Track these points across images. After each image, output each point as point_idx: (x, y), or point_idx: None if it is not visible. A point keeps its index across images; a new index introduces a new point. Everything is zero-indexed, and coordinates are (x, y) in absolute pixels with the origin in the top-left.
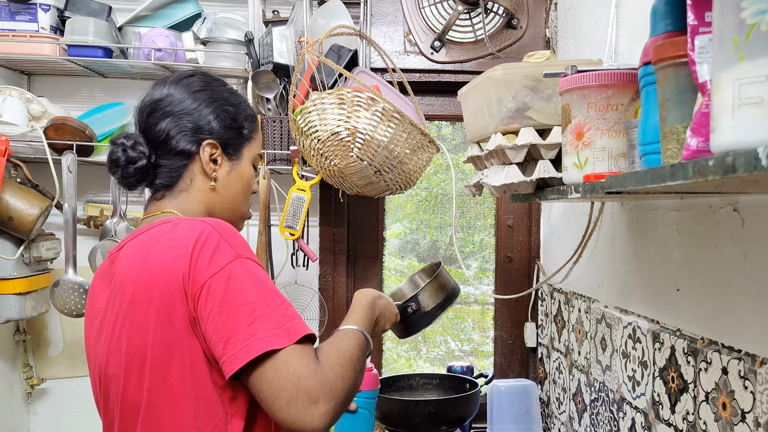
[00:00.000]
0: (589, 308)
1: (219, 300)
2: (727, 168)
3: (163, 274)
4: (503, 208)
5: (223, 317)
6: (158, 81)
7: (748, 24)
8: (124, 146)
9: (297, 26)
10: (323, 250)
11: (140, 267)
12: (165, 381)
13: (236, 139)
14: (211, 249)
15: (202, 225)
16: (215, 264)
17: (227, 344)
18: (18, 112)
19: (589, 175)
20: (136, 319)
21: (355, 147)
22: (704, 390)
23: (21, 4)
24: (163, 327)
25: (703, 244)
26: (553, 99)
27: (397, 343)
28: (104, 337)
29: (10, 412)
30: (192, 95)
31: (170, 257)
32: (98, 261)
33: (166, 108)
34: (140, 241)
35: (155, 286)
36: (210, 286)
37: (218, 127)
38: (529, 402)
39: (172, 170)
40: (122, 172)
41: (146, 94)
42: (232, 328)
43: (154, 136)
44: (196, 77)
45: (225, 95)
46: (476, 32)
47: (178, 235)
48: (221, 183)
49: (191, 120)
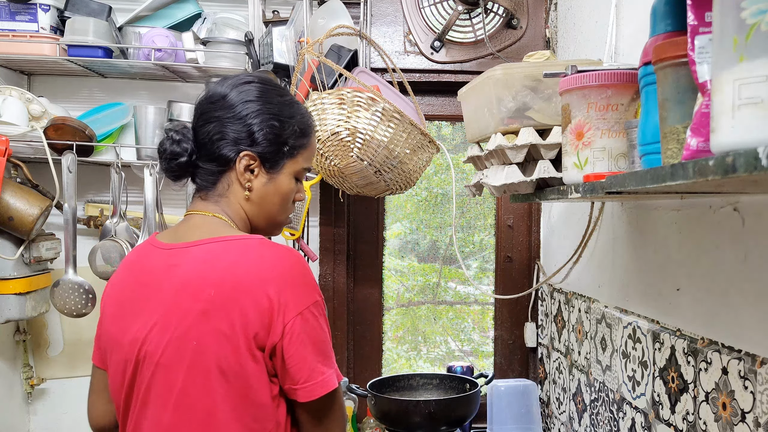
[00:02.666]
0: (589, 308)
1: (312, 331)
2: (727, 168)
3: (252, 291)
4: (503, 208)
5: (313, 348)
6: (220, 79)
7: (748, 24)
8: (173, 139)
9: (297, 26)
10: (323, 250)
11: (223, 273)
12: (229, 385)
13: (276, 154)
14: (302, 280)
15: (291, 253)
16: (308, 296)
17: (313, 373)
18: (18, 112)
19: (589, 175)
20: (212, 324)
21: (355, 147)
22: (704, 390)
23: (21, 4)
24: (237, 339)
25: (703, 244)
26: (553, 99)
27: (397, 343)
28: (155, 325)
29: (10, 412)
30: (243, 104)
31: (259, 275)
32: (98, 261)
33: (216, 111)
34: (220, 248)
35: (240, 299)
36: (305, 317)
37: (260, 140)
38: (529, 402)
39: (210, 173)
40: (166, 165)
41: (209, 89)
42: (318, 359)
43: (201, 136)
44: (253, 85)
45: (277, 109)
46: (476, 32)
47: (267, 255)
48: (256, 194)
49: (235, 129)
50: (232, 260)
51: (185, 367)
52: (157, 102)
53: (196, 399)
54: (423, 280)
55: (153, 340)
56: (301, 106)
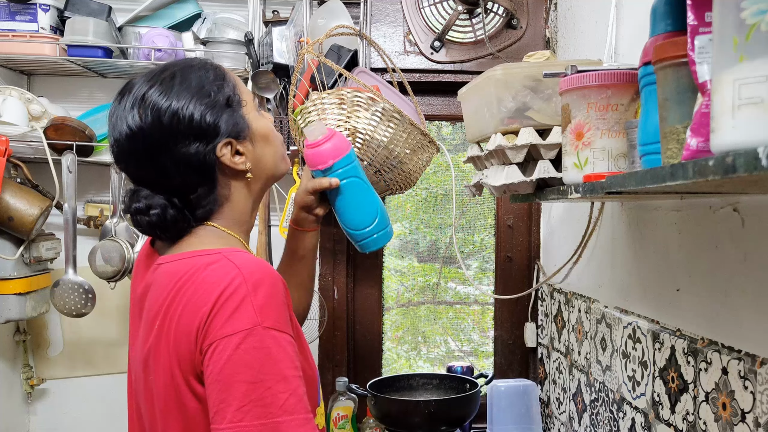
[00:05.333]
0: (589, 308)
1: (220, 367)
2: (727, 168)
3: (183, 318)
4: (503, 208)
5: (218, 386)
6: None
7: (748, 24)
8: (139, 209)
9: (297, 26)
10: (323, 250)
11: (170, 302)
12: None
13: (235, 116)
14: (232, 307)
15: (235, 274)
16: (230, 326)
17: (215, 417)
18: (18, 112)
19: (589, 175)
20: (159, 356)
21: (355, 147)
22: (704, 390)
23: (21, 4)
24: (177, 377)
25: (703, 244)
26: (553, 99)
27: (397, 343)
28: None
29: (10, 412)
30: (166, 101)
31: (194, 302)
32: (98, 261)
33: (151, 139)
34: (177, 269)
35: (175, 328)
36: (217, 348)
37: (212, 118)
38: (529, 402)
39: (205, 194)
40: (168, 234)
41: (117, 133)
42: (222, 402)
43: (161, 180)
44: (155, 76)
45: (192, 84)
46: (476, 32)
47: (208, 279)
48: (253, 165)
49: (186, 134)
50: (180, 285)
51: (148, 399)
52: None
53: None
54: (423, 280)
55: (136, 367)
56: (196, 63)
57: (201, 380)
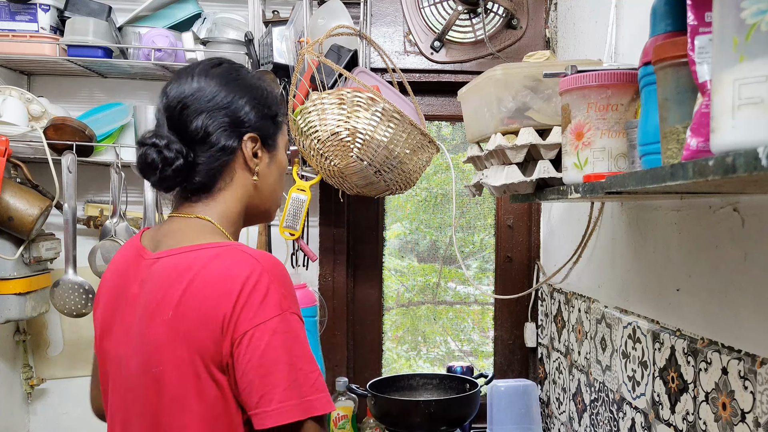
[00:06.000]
0: (589, 308)
1: (260, 353)
2: (727, 168)
3: (205, 310)
4: (503, 208)
5: (261, 371)
6: (182, 72)
7: (748, 24)
8: (158, 146)
9: (297, 26)
10: (323, 251)
11: (182, 294)
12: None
13: (272, 128)
14: (260, 296)
15: (253, 264)
16: (261, 314)
17: (262, 399)
18: (18, 112)
19: (589, 175)
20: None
21: (355, 147)
22: (704, 390)
23: (21, 4)
24: (196, 364)
25: (703, 244)
26: (553, 99)
27: (397, 343)
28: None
29: (10, 412)
30: (225, 87)
31: (216, 293)
32: (98, 261)
33: (198, 103)
34: (184, 261)
35: (195, 320)
36: (253, 336)
37: (255, 118)
38: (529, 402)
39: (211, 168)
40: (159, 175)
41: (171, 88)
42: (268, 385)
43: (190, 135)
44: (224, 66)
45: (254, 81)
46: (476, 32)
47: (227, 269)
48: (262, 177)
49: (228, 113)
50: (191, 276)
51: (154, 394)
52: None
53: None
54: (423, 280)
55: (128, 362)
56: (264, 75)
57: (222, 369)
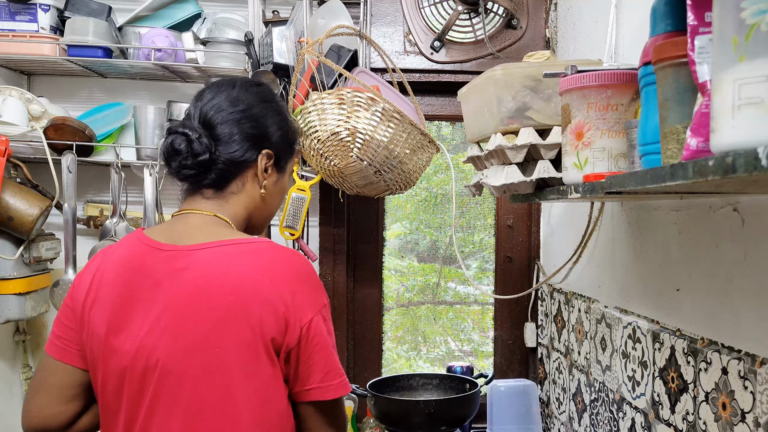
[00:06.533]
0: (589, 308)
1: (322, 336)
2: (727, 168)
3: (268, 295)
4: (503, 208)
5: (324, 353)
6: (223, 81)
7: (748, 24)
8: (188, 137)
9: (297, 26)
10: (323, 250)
11: (238, 278)
12: (250, 392)
13: (287, 153)
14: (312, 286)
15: (299, 257)
16: (317, 302)
17: (328, 374)
18: (18, 112)
19: (589, 175)
20: (232, 331)
21: (355, 147)
22: (704, 390)
23: (21, 4)
24: (257, 344)
25: (703, 244)
26: (553, 99)
27: (397, 343)
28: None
29: (10, 412)
30: (261, 104)
31: (276, 280)
32: None
33: (233, 110)
34: (229, 252)
35: (257, 304)
36: (314, 322)
37: (277, 140)
38: (529, 402)
39: (228, 172)
40: (181, 162)
41: (210, 91)
42: (330, 363)
43: (217, 136)
44: (264, 86)
45: (284, 108)
46: (476, 32)
47: (278, 260)
48: (268, 192)
49: (256, 127)
50: (246, 264)
51: (202, 374)
52: (156, 102)
53: (214, 407)
54: (423, 280)
55: (164, 347)
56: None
57: (278, 351)
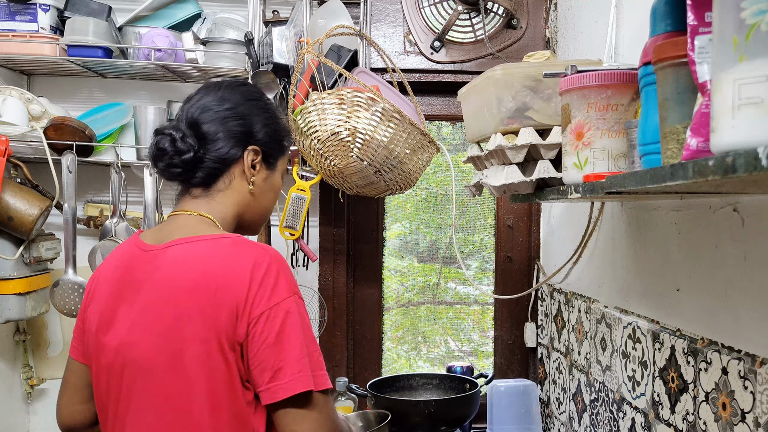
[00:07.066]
0: (589, 308)
1: (276, 331)
2: (727, 168)
3: (221, 293)
4: (503, 208)
5: (276, 348)
6: (211, 84)
7: (748, 24)
8: (173, 137)
9: (297, 26)
10: (323, 250)
11: (197, 277)
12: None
13: (276, 150)
14: (272, 279)
15: (262, 251)
16: (276, 295)
17: (276, 374)
18: (18, 112)
19: (589, 175)
20: (188, 327)
21: (355, 147)
22: (704, 390)
23: (21, 4)
24: (210, 342)
25: (703, 244)
26: (553, 99)
27: (397, 343)
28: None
29: (10, 412)
30: (246, 102)
31: (230, 277)
32: (98, 261)
33: (218, 109)
34: (197, 249)
35: (212, 301)
36: (269, 316)
37: (264, 136)
38: (529, 402)
39: (214, 169)
40: (168, 161)
41: (198, 93)
42: (282, 361)
43: (203, 134)
44: (250, 86)
45: (273, 108)
46: (476, 32)
47: (239, 256)
48: (257, 189)
49: (242, 125)
50: (205, 261)
51: (165, 371)
52: (156, 102)
53: (176, 403)
54: (423, 280)
55: (137, 344)
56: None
57: (233, 348)
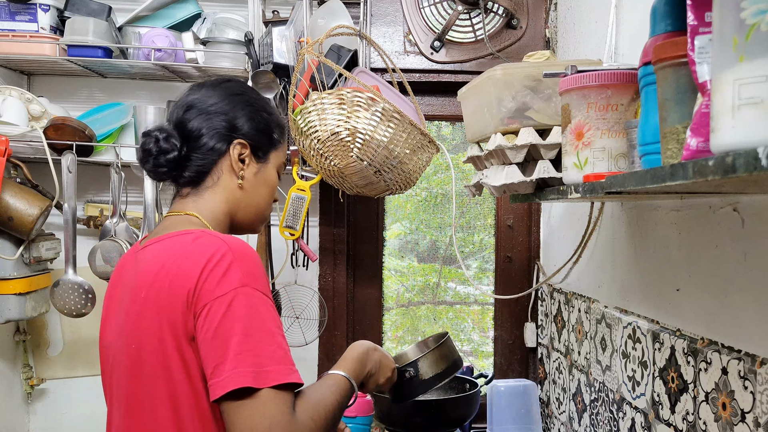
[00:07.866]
0: (589, 308)
1: (216, 324)
2: (727, 168)
3: (174, 287)
4: (503, 208)
5: (215, 342)
6: (195, 84)
7: (748, 24)
8: (157, 138)
9: (297, 26)
10: (323, 250)
11: (155, 274)
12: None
13: (266, 143)
14: (221, 271)
15: (219, 244)
16: (222, 287)
17: (215, 370)
18: (18, 112)
19: (589, 175)
20: (146, 325)
21: (355, 147)
22: (704, 390)
23: (21, 4)
24: (166, 340)
25: (703, 244)
26: (553, 99)
27: (397, 343)
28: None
29: (10, 412)
30: (229, 97)
31: (183, 271)
32: (98, 261)
33: (201, 107)
34: (162, 246)
35: (165, 297)
36: (211, 308)
37: (250, 129)
38: (529, 402)
39: (201, 166)
40: (154, 162)
41: (184, 93)
42: (221, 356)
43: (187, 132)
44: (233, 82)
45: (260, 102)
46: (476, 32)
47: (195, 250)
48: (248, 183)
49: (225, 119)
50: (165, 257)
51: (129, 371)
52: (156, 102)
53: (142, 403)
54: (423, 280)
55: (112, 345)
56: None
57: (190, 343)
